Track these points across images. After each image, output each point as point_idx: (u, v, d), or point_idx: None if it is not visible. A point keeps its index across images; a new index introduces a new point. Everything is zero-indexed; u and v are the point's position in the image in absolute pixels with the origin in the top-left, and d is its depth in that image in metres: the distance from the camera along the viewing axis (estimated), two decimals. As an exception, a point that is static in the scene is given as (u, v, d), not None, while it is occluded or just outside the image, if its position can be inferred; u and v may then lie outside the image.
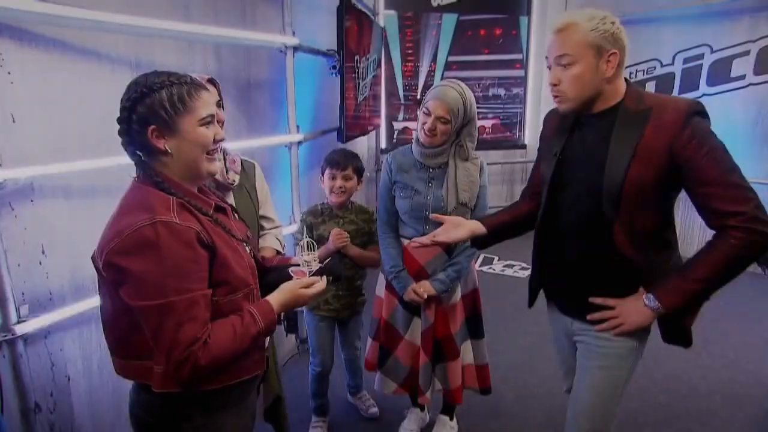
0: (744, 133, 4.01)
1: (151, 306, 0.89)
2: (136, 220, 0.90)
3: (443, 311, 1.85)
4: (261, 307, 1.02)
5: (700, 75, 4.19)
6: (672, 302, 1.19)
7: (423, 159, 1.76)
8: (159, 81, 0.94)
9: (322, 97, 3.32)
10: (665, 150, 1.15)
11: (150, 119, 0.93)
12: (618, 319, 1.27)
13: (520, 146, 5.38)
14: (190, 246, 0.92)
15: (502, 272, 4.09)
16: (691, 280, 1.16)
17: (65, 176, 1.44)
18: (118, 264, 0.89)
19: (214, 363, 0.93)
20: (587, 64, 1.17)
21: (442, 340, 1.86)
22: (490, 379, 1.97)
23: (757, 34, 3.93)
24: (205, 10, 2.04)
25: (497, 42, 5.07)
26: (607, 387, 1.33)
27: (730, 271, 1.14)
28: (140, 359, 0.98)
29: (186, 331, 0.90)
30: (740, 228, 1.09)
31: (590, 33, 1.15)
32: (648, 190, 1.18)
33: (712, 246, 1.15)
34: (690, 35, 4.20)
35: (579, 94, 1.20)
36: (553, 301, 1.48)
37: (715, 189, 1.12)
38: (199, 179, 1.04)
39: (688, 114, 1.14)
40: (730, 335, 2.94)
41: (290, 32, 2.32)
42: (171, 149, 0.96)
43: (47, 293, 1.43)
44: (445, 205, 1.73)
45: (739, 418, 2.23)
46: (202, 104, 0.97)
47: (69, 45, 1.45)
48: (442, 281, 1.79)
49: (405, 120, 5.07)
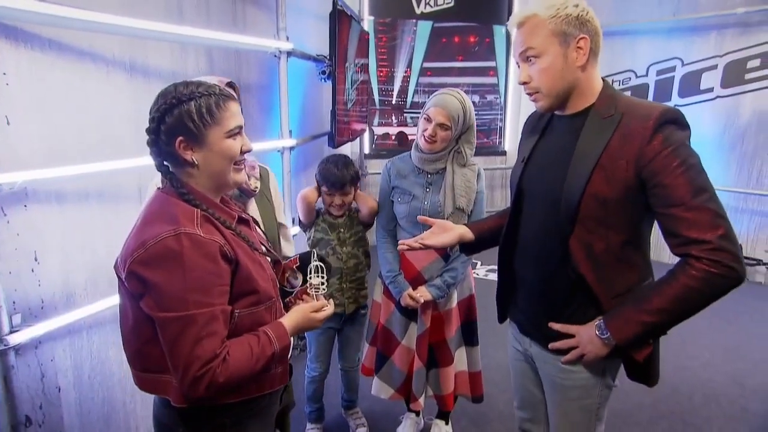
0: (712, 143, 4.21)
1: (171, 318, 0.88)
2: (160, 232, 0.89)
3: (439, 317, 1.86)
4: (276, 330, 1.01)
5: (672, 87, 4.38)
6: (623, 334, 1.06)
7: (421, 164, 1.78)
8: (188, 92, 0.93)
9: (308, 102, 3.31)
10: (631, 163, 1.02)
11: (178, 131, 0.93)
12: (578, 349, 1.13)
13: (500, 153, 5.48)
14: (213, 259, 0.91)
15: (485, 277, 4.14)
16: (645, 311, 1.03)
17: (59, 181, 1.39)
18: (141, 275, 0.88)
19: (229, 381, 0.91)
20: (554, 55, 1.06)
21: (437, 345, 1.88)
22: (482, 387, 1.98)
23: (724, 50, 4.13)
24: (198, 14, 2.01)
25: (472, 49, 5.17)
26: (581, 416, 1.22)
27: (688, 305, 1.01)
28: (159, 372, 0.97)
29: (205, 346, 0.88)
30: (703, 259, 0.97)
31: (551, 21, 1.05)
32: (609, 206, 1.06)
33: (671, 275, 1.02)
34: (662, 48, 4.39)
35: (551, 87, 1.09)
36: (514, 320, 1.38)
37: (681, 211, 0.98)
38: (225, 189, 1.04)
39: (659, 122, 1.00)
40: (705, 336, 3.06)
41: (284, 37, 2.32)
42: (198, 161, 0.95)
43: (39, 302, 1.38)
44: (442, 210, 1.75)
45: (718, 416, 2.32)
46: (230, 115, 0.97)
47: (65, 46, 1.41)
48: (438, 287, 1.81)
49: (381, 125, 5.11)
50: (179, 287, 0.87)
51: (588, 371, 1.17)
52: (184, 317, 0.87)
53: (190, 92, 0.93)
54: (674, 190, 0.99)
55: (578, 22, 1.05)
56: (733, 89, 4.12)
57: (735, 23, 4.03)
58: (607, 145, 1.05)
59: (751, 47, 4.00)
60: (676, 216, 0.99)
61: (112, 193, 1.60)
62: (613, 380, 1.21)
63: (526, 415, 1.43)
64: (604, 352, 1.10)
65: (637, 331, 1.05)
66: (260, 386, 1.04)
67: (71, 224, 1.46)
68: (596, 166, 1.05)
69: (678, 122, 1.03)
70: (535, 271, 1.23)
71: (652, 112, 1.02)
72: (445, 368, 1.89)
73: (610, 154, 1.05)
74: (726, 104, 4.17)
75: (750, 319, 3.34)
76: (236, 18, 2.32)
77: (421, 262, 1.83)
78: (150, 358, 0.97)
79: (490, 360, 2.71)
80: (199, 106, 0.93)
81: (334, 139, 2.68)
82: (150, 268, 0.88)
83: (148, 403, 1.85)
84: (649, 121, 1.01)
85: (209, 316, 0.89)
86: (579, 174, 1.07)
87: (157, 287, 0.88)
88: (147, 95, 1.71)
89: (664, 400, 2.41)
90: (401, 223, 1.85)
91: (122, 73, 1.61)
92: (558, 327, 1.17)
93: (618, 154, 1.04)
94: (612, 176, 1.04)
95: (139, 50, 1.68)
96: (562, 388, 1.22)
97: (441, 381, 1.91)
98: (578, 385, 1.19)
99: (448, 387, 1.91)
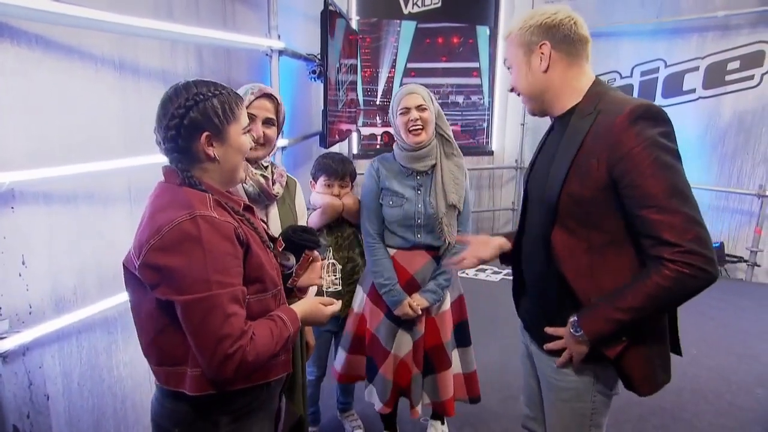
0: (695, 143, 4.30)
1: (195, 299, 0.88)
2: (175, 216, 0.89)
3: (433, 321, 1.83)
4: (289, 314, 1.03)
5: (656, 87, 4.46)
6: (594, 330, 1.06)
7: (411, 164, 1.73)
8: (209, 90, 0.97)
9: (297, 102, 3.28)
10: (602, 161, 1.00)
11: (204, 125, 0.95)
12: (567, 350, 1.15)
13: (488, 153, 5.52)
14: (230, 240, 0.92)
15: (475, 276, 4.16)
16: (617, 308, 1.03)
17: (47, 182, 1.35)
18: (158, 262, 0.88)
19: (256, 361, 0.93)
20: (519, 64, 1.15)
21: (433, 350, 1.83)
22: (479, 387, 1.95)
23: (705, 52, 4.23)
24: (188, 12, 1.98)
25: (456, 50, 5.20)
26: (573, 419, 1.21)
27: (658, 303, 1.01)
28: (173, 365, 0.97)
29: (233, 324, 0.89)
30: (675, 261, 0.96)
31: (518, 33, 1.14)
32: (586, 205, 1.05)
33: (644, 275, 1.02)
34: (646, 50, 4.47)
35: (527, 93, 1.18)
36: (520, 316, 1.39)
37: (653, 213, 0.97)
38: (233, 184, 1.07)
39: (632, 118, 0.97)
40: (690, 332, 3.12)
41: (276, 36, 2.29)
42: (218, 156, 0.98)
43: (27, 307, 1.33)
44: (435, 209, 1.72)
45: (707, 411, 2.36)
46: (243, 113, 1.03)
47: (52, 43, 1.37)
48: (434, 291, 1.78)
49: (366, 125, 5.10)
50: (201, 269, 0.88)
51: (578, 374, 1.17)
52: (209, 297, 0.88)
53: (210, 90, 0.97)
54: (646, 191, 0.97)
55: (541, 29, 1.11)
56: (715, 90, 4.22)
57: (715, 26, 4.13)
58: (582, 143, 1.05)
59: (730, 49, 4.10)
60: (648, 218, 0.98)
61: (101, 194, 1.56)
62: (611, 389, 1.20)
63: (530, 413, 1.43)
64: (582, 350, 1.12)
65: (609, 328, 1.05)
66: (266, 373, 1.05)
67: (59, 227, 1.41)
68: (571, 164, 1.06)
69: (651, 117, 0.98)
70: (530, 270, 1.25)
71: (625, 107, 0.99)
72: (442, 373, 1.85)
73: (585, 152, 1.04)
74: (708, 105, 4.26)
75: (732, 315, 3.42)
76: (225, 16, 2.28)
77: (413, 265, 1.80)
78: (163, 350, 0.98)
79: (484, 359, 2.72)
80: (222, 103, 0.97)
81: (326, 139, 2.66)
82: (168, 254, 0.88)
83: (138, 409, 1.81)
84: (621, 116, 0.98)
85: (232, 296, 0.91)
86: (557, 173, 1.09)
87: (177, 272, 0.88)
88: (136, 95, 1.69)
89: (653, 397, 2.44)
90: (392, 227, 1.79)
91: (111, 72, 1.57)
92: (550, 331, 1.19)
93: (590, 152, 1.03)
94: (585, 175, 1.04)
95: (129, 48, 1.64)
96: (556, 388, 1.23)
97: (439, 387, 1.86)
98: (570, 387, 1.20)
99: (448, 392, 1.86)
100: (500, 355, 2.82)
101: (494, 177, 5.56)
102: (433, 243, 1.77)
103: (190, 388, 0.95)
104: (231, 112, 0.98)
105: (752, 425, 2.26)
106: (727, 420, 2.30)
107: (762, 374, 2.69)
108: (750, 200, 4.12)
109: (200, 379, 0.94)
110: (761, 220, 4.05)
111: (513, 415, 2.29)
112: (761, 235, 4.08)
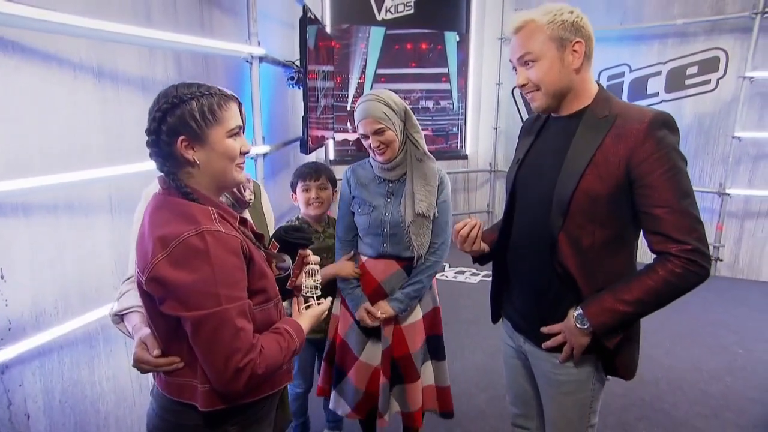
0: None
1: (205, 315, 0.87)
2: (181, 232, 0.87)
3: (401, 330, 1.75)
4: (293, 326, 1.03)
5: (622, 91, 4.64)
6: (599, 320, 1.12)
7: (383, 173, 1.71)
8: (189, 92, 0.93)
9: (276, 109, 3.26)
10: (623, 162, 1.08)
11: (180, 129, 0.92)
12: (568, 345, 1.19)
13: (462, 156, 5.60)
14: (236, 254, 0.92)
15: (454, 279, 4.21)
16: (622, 300, 1.10)
17: (25, 193, 1.30)
18: (166, 277, 0.86)
19: (266, 373, 0.93)
20: (551, 59, 1.12)
21: (401, 360, 1.76)
22: (452, 403, 1.87)
23: (666, 57, 4.42)
24: (165, 18, 1.94)
25: (426, 56, 5.27)
26: (576, 410, 1.26)
27: (662, 297, 1.09)
28: (182, 376, 0.96)
29: (243, 339, 0.89)
30: (681, 258, 1.05)
31: (548, 26, 1.11)
32: (600, 203, 1.11)
33: (650, 269, 1.09)
34: (612, 55, 4.64)
35: (549, 88, 1.14)
36: (507, 318, 1.40)
37: (665, 213, 1.05)
38: (226, 189, 1.05)
39: (653, 125, 1.06)
40: (665, 325, 3.24)
41: (256, 42, 2.27)
42: (199, 160, 0.94)
43: (6, 323, 1.27)
44: (404, 219, 1.66)
45: (683, 401, 2.46)
46: (231, 115, 0.97)
47: (29, 49, 1.32)
48: (400, 300, 1.71)
49: (337, 131, 5.10)
50: (209, 284, 0.87)
51: (582, 365, 1.21)
52: (219, 312, 0.87)
53: (191, 92, 0.93)
54: (661, 192, 1.06)
55: (573, 27, 1.12)
56: (676, 94, 4.42)
57: (675, 33, 4.33)
58: (602, 143, 1.11)
59: (689, 55, 4.31)
60: (661, 217, 1.07)
61: (82, 205, 1.51)
62: (605, 375, 1.26)
63: (519, 411, 1.45)
64: (585, 341, 1.16)
65: (614, 319, 1.11)
66: (272, 384, 1.04)
67: (39, 239, 1.36)
68: (590, 163, 1.11)
69: (670, 126, 1.09)
70: (527, 266, 1.26)
71: (646, 115, 1.09)
72: (410, 384, 1.77)
73: (604, 153, 1.10)
74: (670, 108, 4.45)
75: (700, 308, 3.57)
76: (203, 23, 2.25)
77: (381, 274, 1.74)
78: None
79: (468, 359, 2.76)
80: (201, 105, 0.93)
81: (307, 145, 2.65)
82: (176, 269, 0.86)
83: (122, 426, 1.75)
84: (643, 123, 1.07)
85: (240, 310, 0.90)
86: (573, 170, 1.13)
87: (184, 287, 0.86)
88: (116, 102, 1.65)
89: (633, 389, 2.53)
90: (362, 234, 1.75)
91: (90, 79, 1.53)
92: (546, 330, 1.22)
93: (611, 153, 1.10)
94: (604, 173, 1.10)
95: (107, 55, 1.60)
96: (557, 383, 1.25)
97: (407, 397, 1.78)
98: (573, 379, 1.23)
99: (416, 403, 1.79)
100: (484, 355, 2.86)
101: (469, 180, 5.64)
102: (401, 254, 1.71)
103: (201, 404, 0.94)
104: (212, 114, 0.93)
105: (724, 411, 2.37)
106: (701, 408, 2.40)
107: (730, 363, 2.83)
108: (711, 198, 4.32)
109: (210, 394, 0.93)
110: (722, 216, 4.26)
111: (501, 414, 2.33)
112: (722, 231, 4.29)
